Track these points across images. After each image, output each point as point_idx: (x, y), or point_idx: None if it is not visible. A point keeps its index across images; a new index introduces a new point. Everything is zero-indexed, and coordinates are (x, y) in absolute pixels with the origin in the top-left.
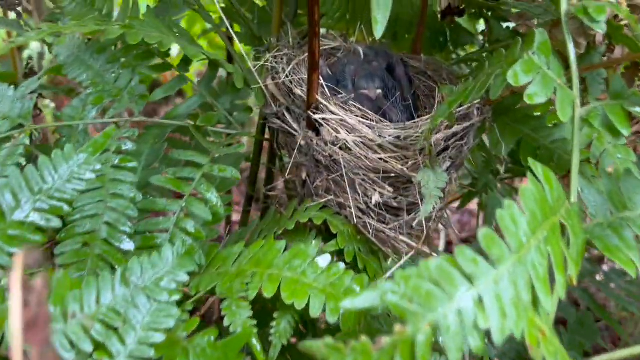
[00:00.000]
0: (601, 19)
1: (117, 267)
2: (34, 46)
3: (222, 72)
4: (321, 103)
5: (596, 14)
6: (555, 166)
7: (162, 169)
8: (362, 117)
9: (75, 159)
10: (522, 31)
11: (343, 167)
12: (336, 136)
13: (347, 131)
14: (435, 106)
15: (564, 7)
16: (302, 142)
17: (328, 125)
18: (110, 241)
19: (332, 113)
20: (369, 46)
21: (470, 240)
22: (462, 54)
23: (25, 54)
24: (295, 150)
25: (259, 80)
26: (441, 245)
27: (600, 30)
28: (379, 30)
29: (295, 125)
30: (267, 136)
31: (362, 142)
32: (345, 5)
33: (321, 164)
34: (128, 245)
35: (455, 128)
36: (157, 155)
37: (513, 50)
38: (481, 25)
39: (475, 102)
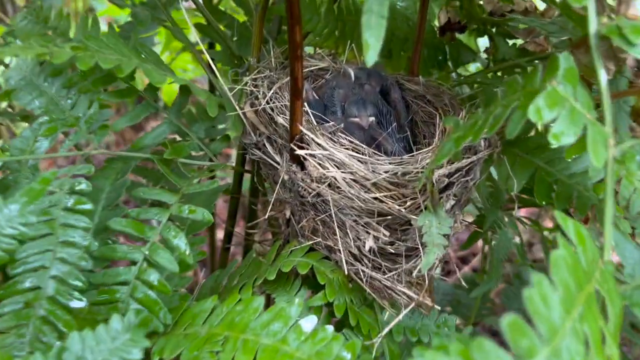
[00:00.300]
0: (639, 41)
1: (65, 331)
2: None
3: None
4: (306, 135)
5: (633, 36)
6: (576, 205)
7: (124, 210)
8: (352, 150)
9: (4, 212)
10: (530, 49)
11: (331, 207)
12: (323, 173)
13: (336, 166)
14: (436, 135)
15: (592, 26)
16: (285, 177)
17: (314, 160)
18: (57, 299)
19: (319, 146)
20: (361, 67)
21: (468, 259)
22: (462, 72)
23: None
24: (278, 185)
25: (236, 107)
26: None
27: (638, 54)
28: (370, 57)
29: (277, 158)
30: (248, 167)
31: (353, 180)
32: (334, 21)
33: (307, 201)
34: (80, 303)
35: (460, 162)
36: (119, 193)
37: (532, 78)
38: (483, 41)
39: None
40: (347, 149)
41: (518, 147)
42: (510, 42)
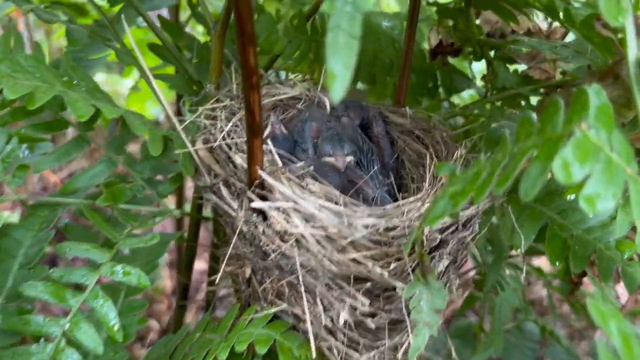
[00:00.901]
0: None
1: None
2: None
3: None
4: (266, 181)
5: None
6: (597, 267)
7: (44, 270)
8: (325, 198)
9: None
10: (535, 76)
11: (298, 269)
12: (286, 229)
13: (304, 219)
14: (427, 179)
15: (632, 52)
16: (244, 228)
17: (277, 211)
18: None
19: (282, 195)
20: None
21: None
22: (454, 101)
23: None
24: (235, 237)
25: (188, 143)
26: None
27: None
28: (337, 90)
29: (234, 205)
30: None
31: (324, 237)
32: (307, 41)
33: (270, 259)
34: None
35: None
36: (41, 248)
37: (551, 117)
38: (476, 66)
39: None
40: (318, 197)
41: None
42: (511, 67)
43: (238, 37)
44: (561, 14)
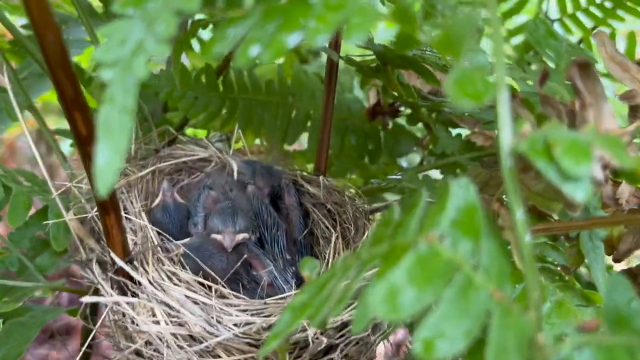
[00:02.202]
0: (583, 171)
1: None
2: None
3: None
4: (122, 267)
5: (570, 159)
6: None
7: None
8: (196, 288)
9: None
10: (478, 142)
11: None
12: (140, 328)
13: (168, 315)
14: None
15: (505, 141)
16: (114, 316)
17: (142, 301)
18: None
19: (146, 283)
20: (249, 160)
21: None
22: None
23: None
24: (98, 325)
25: (63, 212)
26: None
27: (576, 193)
28: (103, 181)
29: (106, 287)
30: None
31: (188, 336)
32: (219, 98)
33: (143, 356)
34: None
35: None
36: None
37: (410, 214)
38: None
39: None
40: (190, 287)
41: None
42: (455, 131)
43: (59, 100)
44: None
